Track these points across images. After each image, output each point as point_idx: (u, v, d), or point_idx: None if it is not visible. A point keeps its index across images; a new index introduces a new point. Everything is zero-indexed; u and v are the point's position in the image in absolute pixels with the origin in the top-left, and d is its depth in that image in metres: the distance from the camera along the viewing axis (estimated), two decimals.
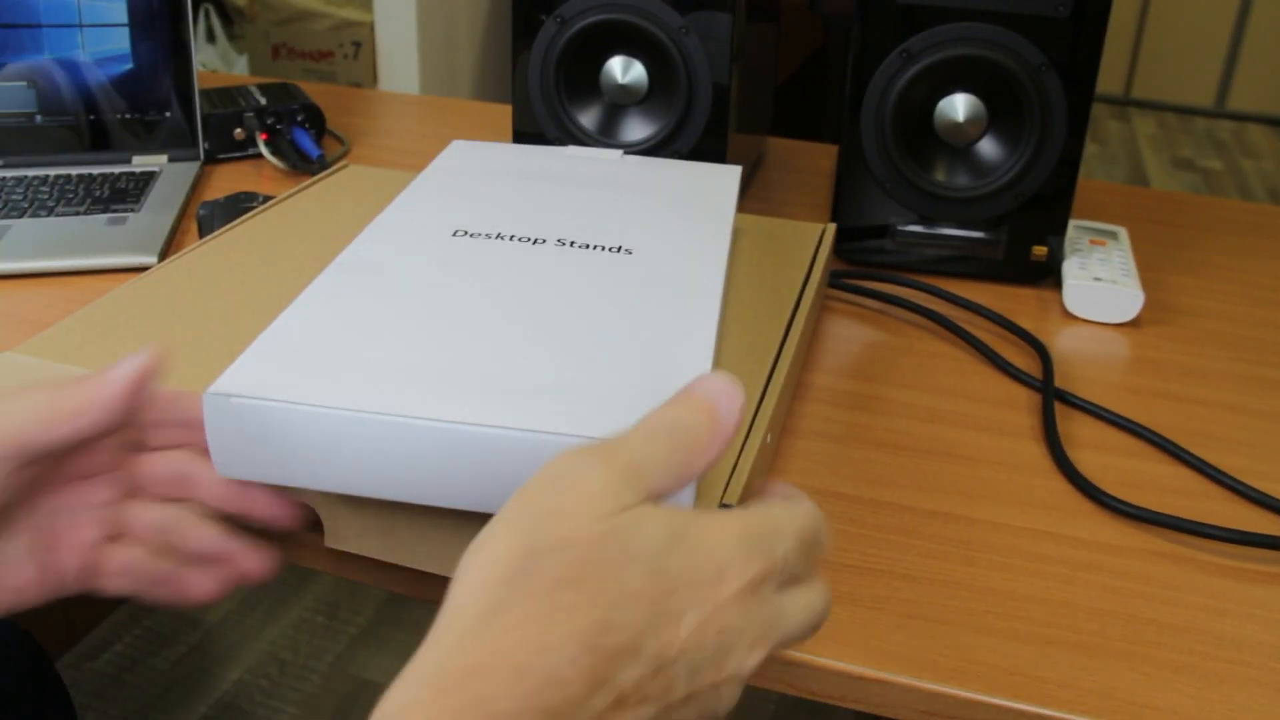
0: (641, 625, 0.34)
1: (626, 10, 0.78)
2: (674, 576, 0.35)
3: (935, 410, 0.64)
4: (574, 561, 0.34)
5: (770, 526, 0.38)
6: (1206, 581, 0.52)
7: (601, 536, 0.34)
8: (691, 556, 0.36)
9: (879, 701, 0.47)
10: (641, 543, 0.35)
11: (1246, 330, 0.76)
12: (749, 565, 0.37)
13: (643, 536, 0.35)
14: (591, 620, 0.33)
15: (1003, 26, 0.73)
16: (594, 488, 0.35)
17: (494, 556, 0.34)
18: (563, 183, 0.66)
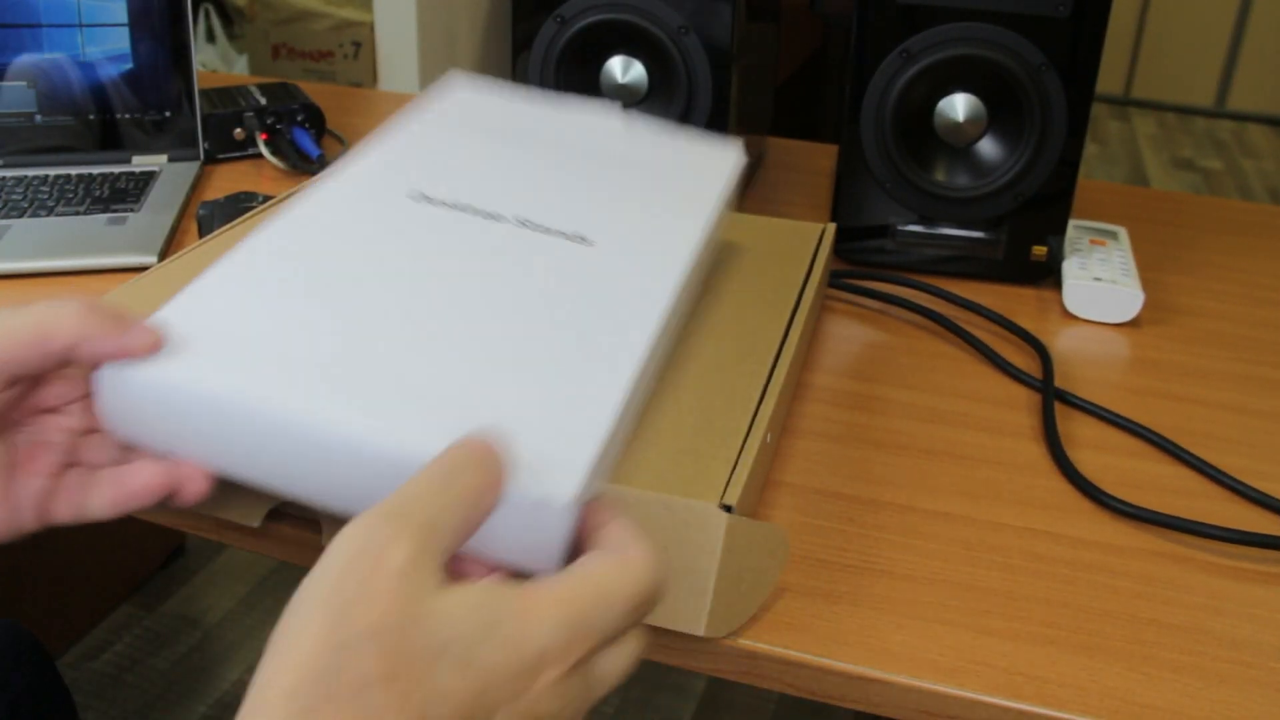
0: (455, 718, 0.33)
1: (626, 10, 0.78)
2: (488, 671, 0.34)
3: (935, 410, 0.64)
4: (383, 654, 0.32)
5: (596, 598, 0.36)
6: (1206, 581, 0.52)
7: (410, 624, 0.33)
8: (506, 648, 0.34)
9: (879, 701, 0.47)
10: (451, 632, 0.34)
11: (1246, 330, 0.76)
12: (569, 652, 0.36)
13: (453, 625, 0.34)
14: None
15: (1003, 26, 0.73)
16: (396, 564, 0.34)
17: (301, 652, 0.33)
18: (545, 148, 0.62)
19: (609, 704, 1.40)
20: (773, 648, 0.47)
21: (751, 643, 0.47)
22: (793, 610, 0.49)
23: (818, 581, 0.51)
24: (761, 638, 0.47)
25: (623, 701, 1.41)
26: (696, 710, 1.40)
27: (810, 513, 0.55)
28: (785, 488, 0.57)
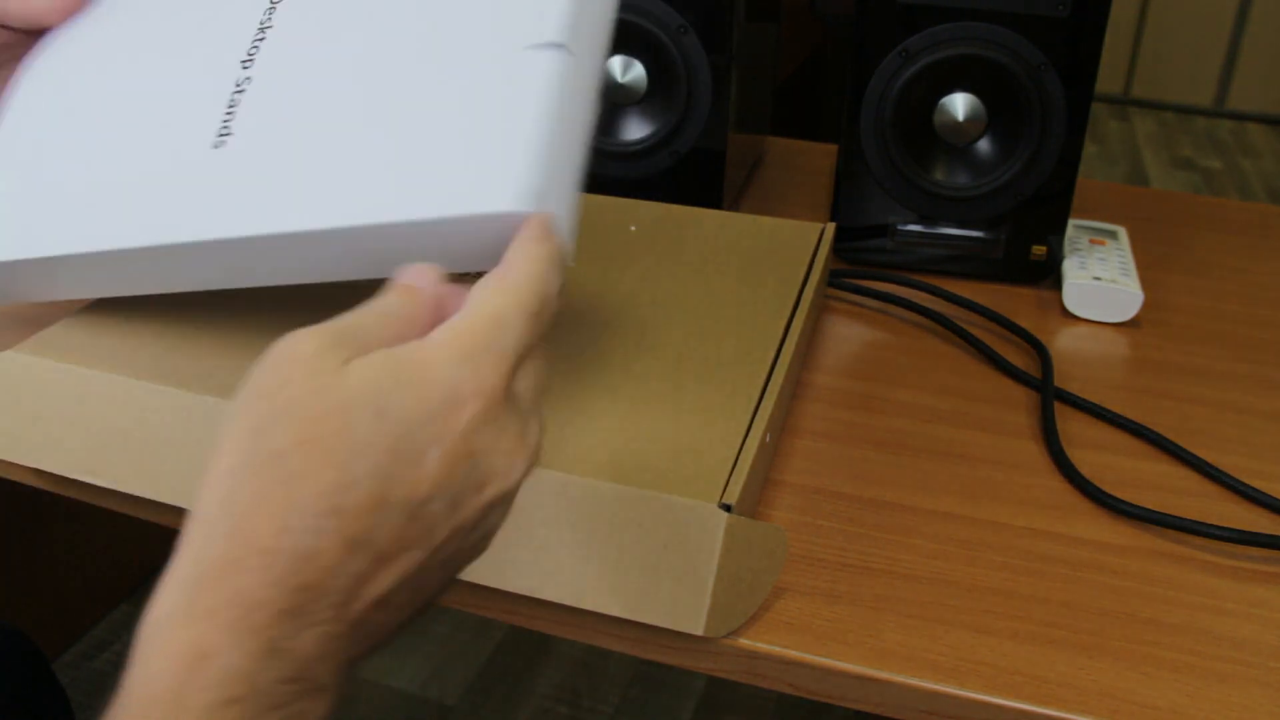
0: (382, 474, 0.33)
1: (626, 10, 0.78)
2: (403, 417, 0.34)
3: (935, 410, 0.64)
4: (295, 423, 0.33)
5: (492, 323, 0.36)
6: (1206, 581, 0.52)
7: (316, 394, 0.33)
8: (414, 391, 0.34)
9: (879, 701, 0.47)
10: (357, 388, 0.34)
11: (1246, 330, 0.76)
12: (483, 379, 0.35)
13: (357, 382, 0.34)
14: (327, 482, 0.32)
15: (1002, 26, 0.73)
16: (304, 351, 0.34)
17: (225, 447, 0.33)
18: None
19: (607, 703, 1.40)
20: (772, 647, 0.47)
21: (751, 643, 0.47)
22: (792, 610, 0.49)
23: (818, 581, 0.51)
24: (761, 637, 0.47)
25: (622, 701, 1.41)
26: (696, 710, 1.40)
27: (810, 512, 0.55)
28: (785, 487, 0.57)
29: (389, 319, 0.37)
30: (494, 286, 0.38)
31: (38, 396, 0.53)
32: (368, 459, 0.33)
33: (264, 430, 0.33)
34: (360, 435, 0.33)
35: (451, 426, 0.34)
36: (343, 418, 0.33)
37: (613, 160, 0.83)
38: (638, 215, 0.74)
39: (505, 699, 1.41)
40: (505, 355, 0.36)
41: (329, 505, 0.32)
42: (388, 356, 0.35)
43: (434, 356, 0.35)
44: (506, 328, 0.36)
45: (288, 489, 0.32)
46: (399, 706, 1.41)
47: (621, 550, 0.46)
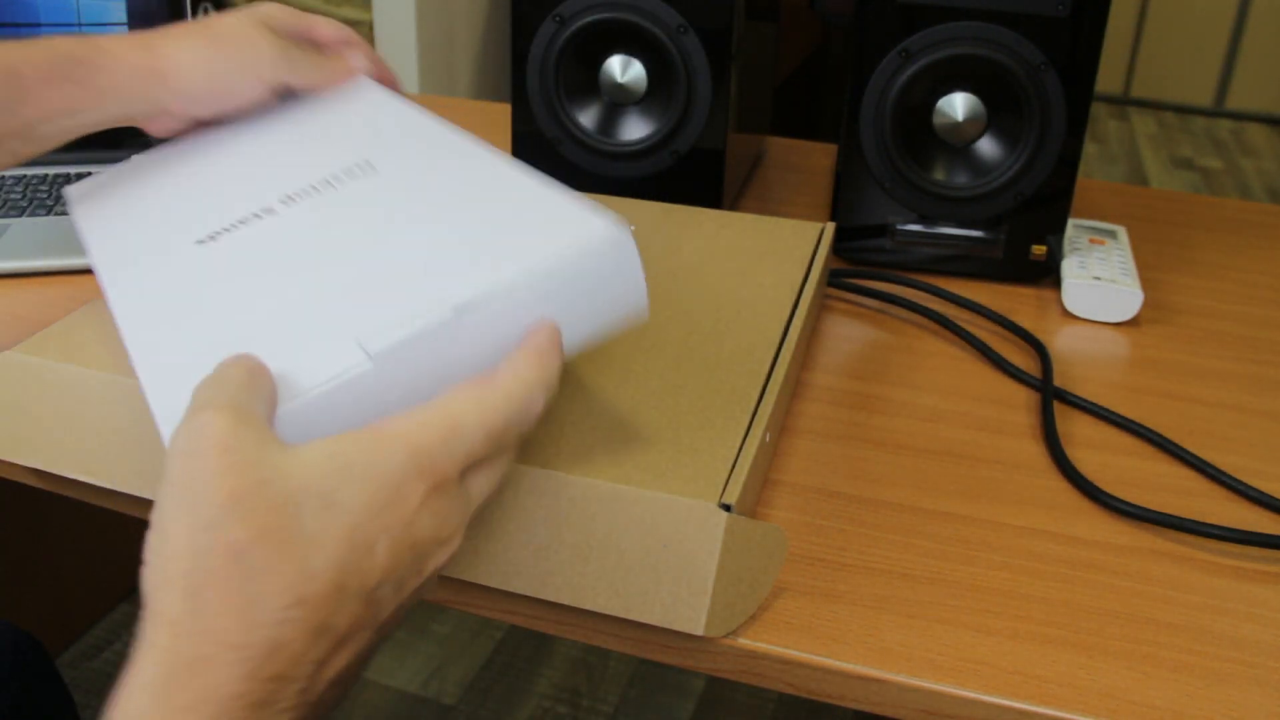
0: (338, 565, 0.34)
1: (625, 9, 0.78)
2: (353, 509, 0.35)
3: (935, 410, 0.64)
4: (247, 516, 0.33)
5: (447, 431, 0.38)
6: (1206, 581, 0.52)
7: (263, 483, 0.34)
8: (363, 484, 0.35)
9: (879, 701, 0.47)
10: (305, 480, 0.35)
11: (1246, 330, 0.75)
12: (425, 478, 0.37)
13: (304, 474, 0.35)
14: (290, 575, 0.33)
15: (1002, 26, 0.73)
16: (218, 438, 0.35)
17: (174, 547, 0.34)
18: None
19: (607, 703, 1.40)
20: (772, 647, 0.47)
21: (751, 642, 0.47)
22: (792, 610, 0.49)
23: (817, 581, 0.51)
24: (761, 637, 0.47)
25: (622, 701, 1.41)
26: (696, 710, 1.40)
27: (810, 512, 0.55)
28: (785, 487, 0.57)
29: (245, 381, 0.38)
30: (467, 395, 0.39)
31: (38, 396, 0.53)
32: (324, 550, 0.34)
33: (215, 526, 0.33)
34: (312, 530, 0.34)
35: (399, 518, 0.36)
36: (294, 511, 0.34)
37: (613, 160, 0.83)
38: (638, 215, 0.74)
39: (505, 699, 1.41)
40: (454, 459, 0.38)
41: (294, 597, 0.33)
42: (334, 450, 0.36)
43: (380, 449, 0.36)
44: (462, 438, 0.38)
45: (252, 585, 0.33)
46: (399, 706, 1.41)
47: (621, 550, 0.46)
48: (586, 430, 0.50)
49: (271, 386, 0.39)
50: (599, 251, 0.43)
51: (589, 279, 0.44)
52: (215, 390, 0.37)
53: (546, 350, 0.42)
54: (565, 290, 0.43)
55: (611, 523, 0.46)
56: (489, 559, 0.48)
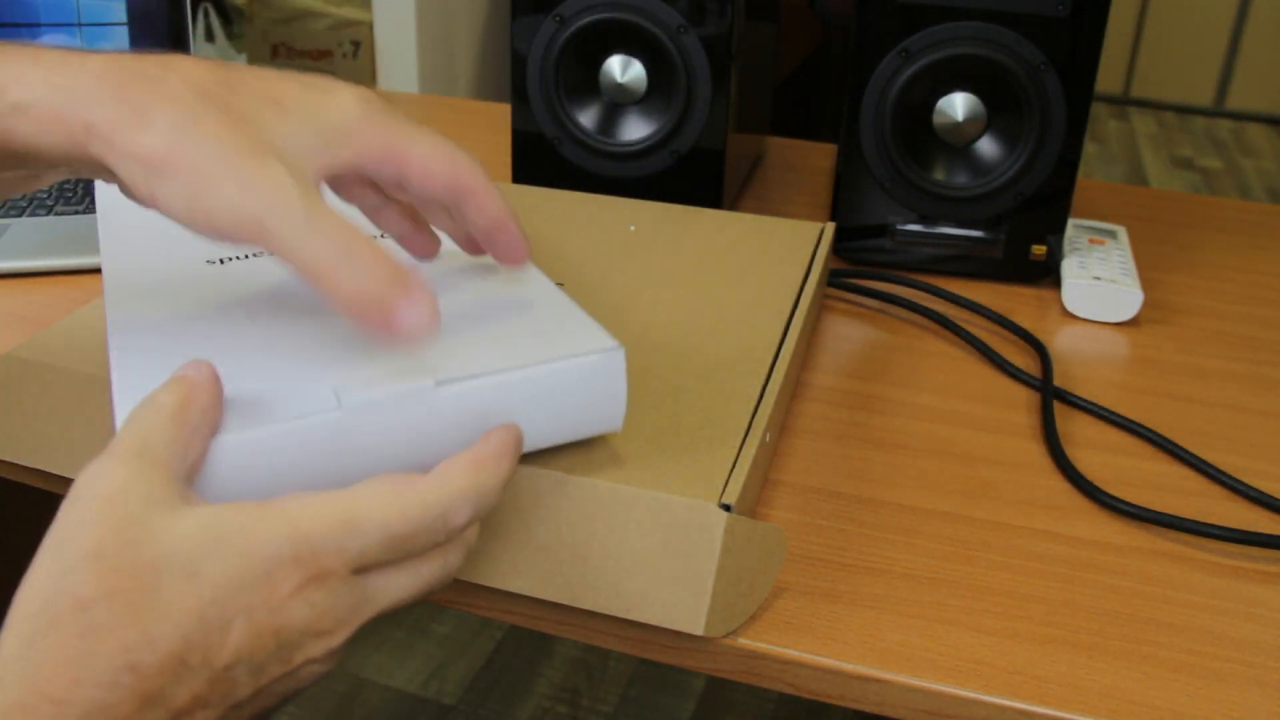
0: (183, 637, 0.33)
1: (625, 9, 0.78)
2: (215, 582, 0.33)
3: (935, 410, 0.64)
4: (103, 573, 0.32)
5: (339, 524, 0.36)
6: (1206, 581, 0.52)
7: (130, 543, 0.33)
8: (231, 559, 0.34)
9: (879, 701, 0.46)
10: (174, 546, 0.33)
11: (1246, 330, 0.76)
12: (301, 566, 0.35)
13: (175, 539, 0.34)
14: (128, 639, 0.32)
15: (1002, 25, 0.73)
16: (107, 490, 0.34)
17: (28, 588, 0.33)
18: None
19: (607, 703, 1.40)
20: (772, 647, 0.47)
21: (751, 642, 0.47)
22: (792, 610, 0.49)
23: (817, 581, 0.51)
24: (761, 637, 0.47)
25: (622, 701, 1.41)
26: (696, 710, 1.40)
27: (809, 512, 0.55)
28: (784, 487, 0.57)
29: (171, 417, 0.37)
30: (378, 491, 0.37)
31: (38, 396, 0.53)
32: (171, 619, 0.33)
33: (69, 574, 0.33)
34: (167, 595, 0.33)
35: (264, 602, 0.34)
36: (153, 575, 0.33)
37: (613, 160, 0.83)
38: (638, 215, 0.74)
39: (505, 699, 1.41)
40: (341, 555, 0.36)
41: (126, 661, 0.32)
42: (213, 521, 0.35)
43: (260, 528, 0.35)
44: (355, 535, 0.36)
45: (87, 641, 0.32)
46: (399, 706, 1.41)
47: (621, 550, 0.46)
48: None
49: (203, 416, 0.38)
50: (591, 364, 0.45)
51: (575, 388, 0.45)
52: (130, 432, 0.37)
53: (491, 459, 0.40)
54: (550, 393, 0.45)
55: (611, 523, 0.46)
56: (489, 559, 0.48)
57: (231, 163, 0.38)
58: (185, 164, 0.37)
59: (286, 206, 0.38)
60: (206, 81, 0.39)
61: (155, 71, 0.39)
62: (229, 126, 0.38)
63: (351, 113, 0.42)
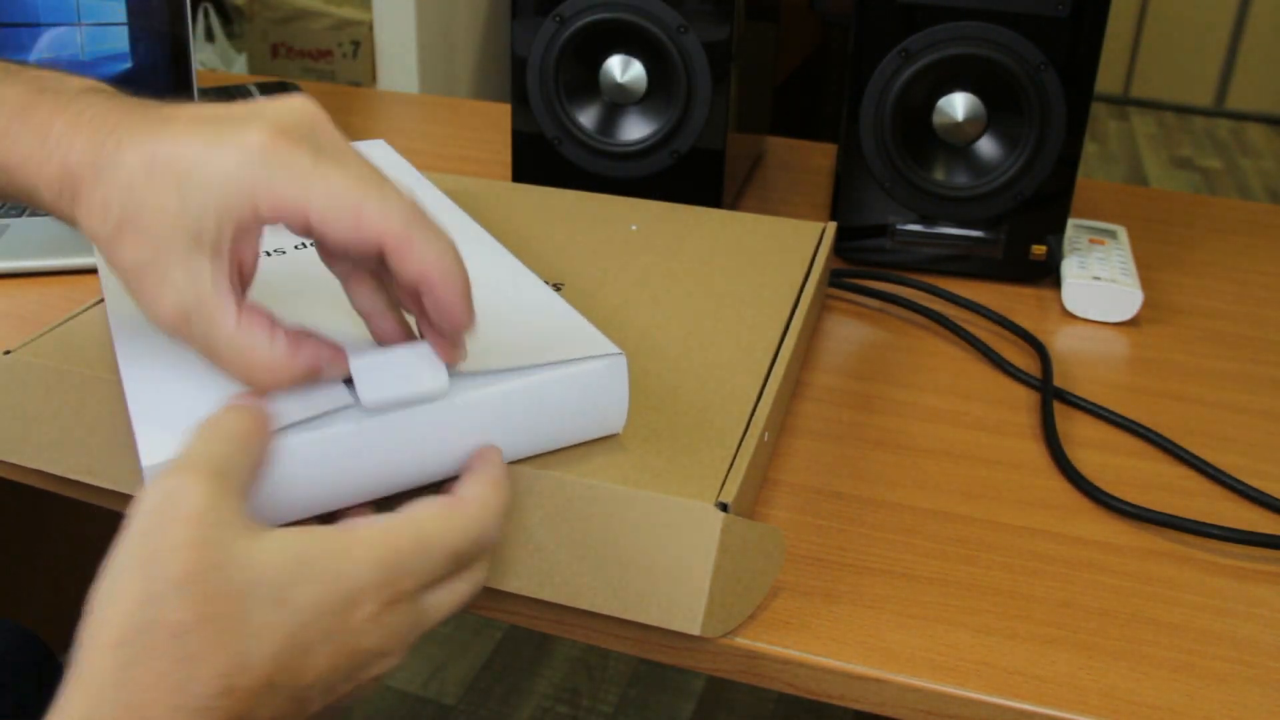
0: (274, 661, 0.34)
1: (625, 9, 0.78)
2: (303, 608, 0.35)
3: (935, 409, 0.64)
4: (196, 600, 0.33)
5: (414, 546, 0.38)
6: (1206, 581, 0.52)
7: (218, 567, 0.34)
8: (318, 585, 0.35)
9: (879, 701, 0.46)
10: (261, 572, 0.34)
11: (1246, 330, 0.75)
12: (383, 591, 0.36)
13: (261, 565, 0.34)
14: (223, 664, 0.33)
15: (1002, 26, 0.73)
16: (191, 512, 0.34)
17: (116, 611, 0.33)
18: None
19: (607, 703, 1.40)
20: (772, 647, 0.47)
21: (751, 642, 0.47)
22: (792, 610, 0.49)
23: (817, 581, 0.51)
24: (761, 637, 0.47)
25: (622, 701, 1.41)
26: (696, 710, 1.40)
27: (809, 512, 0.55)
28: (784, 487, 0.57)
29: (244, 444, 0.38)
30: (437, 513, 0.39)
31: (38, 396, 0.53)
32: (263, 644, 0.34)
33: (160, 601, 0.33)
34: (257, 622, 0.34)
35: (344, 625, 0.36)
36: (243, 601, 0.34)
37: (613, 160, 0.83)
38: (638, 215, 0.74)
39: (505, 699, 1.41)
40: (414, 575, 0.38)
41: (222, 686, 0.33)
42: (298, 545, 0.36)
43: (347, 554, 0.36)
44: (428, 555, 0.38)
45: (185, 669, 0.33)
46: (399, 706, 1.41)
47: (619, 550, 0.46)
48: None
49: (264, 443, 0.39)
50: (594, 371, 0.47)
51: (579, 395, 0.47)
52: (204, 448, 0.37)
53: (504, 476, 0.43)
54: (553, 400, 0.46)
55: (609, 523, 0.46)
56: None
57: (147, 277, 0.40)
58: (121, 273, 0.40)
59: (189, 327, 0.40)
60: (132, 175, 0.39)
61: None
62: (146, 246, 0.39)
63: (240, 175, 0.39)
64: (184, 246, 0.39)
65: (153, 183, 0.39)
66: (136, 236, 0.39)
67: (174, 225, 0.39)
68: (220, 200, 0.39)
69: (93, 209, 0.40)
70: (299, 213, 0.39)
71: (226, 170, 0.38)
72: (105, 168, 0.40)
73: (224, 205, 0.39)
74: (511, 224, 0.72)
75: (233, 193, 0.38)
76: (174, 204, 0.39)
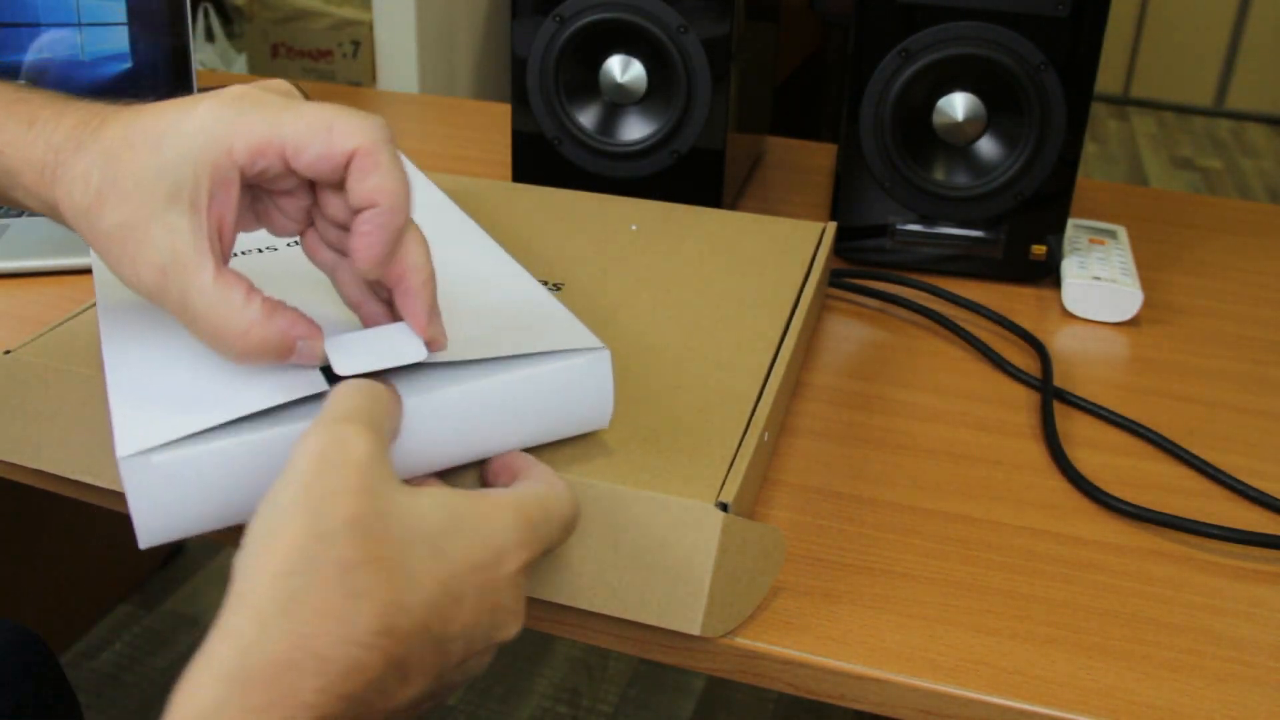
0: (429, 607, 0.36)
1: (625, 9, 0.78)
2: (455, 559, 0.37)
3: (935, 409, 0.64)
4: (362, 540, 0.35)
5: (542, 513, 0.40)
6: (1206, 581, 0.52)
7: (384, 514, 0.36)
8: (471, 539, 0.37)
9: (879, 701, 0.46)
10: (421, 523, 0.36)
11: (1246, 330, 0.75)
12: (523, 551, 0.39)
13: (418, 517, 0.37)
14: (385, 604, 0.35)
15: (1002, 25, 0.73)
16: (359, 458, 0.36)
17: (284, 544, 0.34)
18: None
19: (607, 703, 1.40)
20: (772, 647, 0.47)
21: (750, 642, 0.47)
22: (792, 609, 0.49)
23: (817, 581, 0.51)
24: (760, 637, 0.47)
25: (622, 700, 1.41)
26: (696, 710, 1.40)
27: (809, 512, 0.55)
28: (784, 487, 0.57)
29: (390, 409, 0.41)
30: (547, 486, 0.43)
31: (38, 396, 0.53)
32: (423, 590, 0.36)
33: (329, 538, 0.34)
34: (418, 567, 0.36)
35: (491, 579, 0.38)
36: (405, 547, 0.36)
37: (613, 160, 0.83)
38: (638, 215, 0.74)
39: (505, 699, 1.41)
40: (543, 540, 0.41)
41: (384, 625, 0.34)
42: (451, 502, 0.38)
43: (494, 514, 0.39)
44: (553, 522, 0.41)
45: (352, 604, 0.34)
46: None
47: (619, 550, 0.46)
48: None
49: (399, 414, 0.42)
50: (579, 366, 0.46)
51: (563, 390, 0.46)
52: (365, 406, 0.39)
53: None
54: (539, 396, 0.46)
55: (609, 522, 0.46)
56: None
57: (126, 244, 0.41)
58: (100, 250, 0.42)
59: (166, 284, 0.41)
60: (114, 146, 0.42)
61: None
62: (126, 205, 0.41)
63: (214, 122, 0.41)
64: (163, 202, 0.40)
65: (132, 149, 0.41)
66: (117, 200, 0.41)
67: (153, 182, 0.40)
68: (197, 148, 0.40)
69: (74, 181, 0.42)
70: (273, 144, 0.40)
71: (201, 122, 0.41)
72: (87, 142, 0.42)
73: (200, 153, 0.40)
74: (511, 224, 0.72)
75: (208, 138, 0.40)
76: (153, 162, 0.40)
